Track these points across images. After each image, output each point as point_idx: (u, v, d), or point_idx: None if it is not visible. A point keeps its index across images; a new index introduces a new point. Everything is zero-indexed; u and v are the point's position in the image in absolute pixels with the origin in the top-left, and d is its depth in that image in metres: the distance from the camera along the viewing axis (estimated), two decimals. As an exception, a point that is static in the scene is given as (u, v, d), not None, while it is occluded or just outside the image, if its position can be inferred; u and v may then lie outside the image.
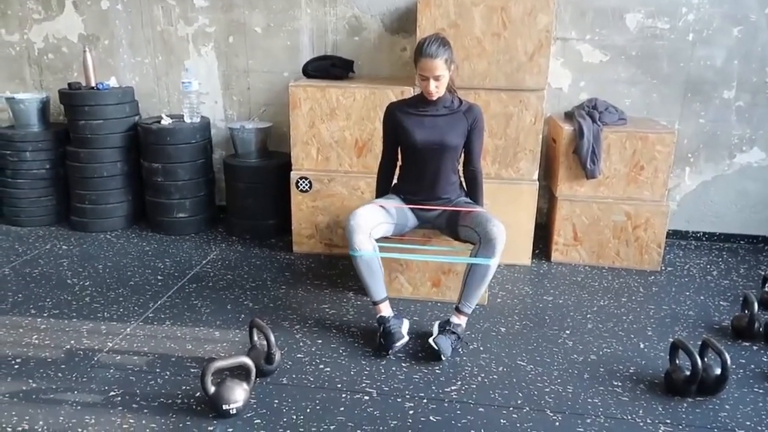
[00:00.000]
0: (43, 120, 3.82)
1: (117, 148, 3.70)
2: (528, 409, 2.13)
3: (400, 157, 2.73)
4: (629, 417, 2.09)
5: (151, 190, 3.73)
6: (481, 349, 2.51)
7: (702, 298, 3.02)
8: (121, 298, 2.89)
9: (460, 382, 2.27)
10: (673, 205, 3.71)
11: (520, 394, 2.21)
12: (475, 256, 2.48)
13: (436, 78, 2.46)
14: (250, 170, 3.64)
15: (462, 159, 2.72)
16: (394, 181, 2.81)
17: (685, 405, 2.17)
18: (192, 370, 2.31)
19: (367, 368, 2.36)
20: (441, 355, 2.37)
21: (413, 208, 2.73)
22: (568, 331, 2.67)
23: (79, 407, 2.08)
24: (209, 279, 3.12)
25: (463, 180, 2.77)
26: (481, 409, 2.12)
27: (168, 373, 2.29)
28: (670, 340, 2.35)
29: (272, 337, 2.21)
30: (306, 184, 3.36)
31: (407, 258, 2.75)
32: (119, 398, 2.14)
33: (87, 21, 3.89)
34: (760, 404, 2.18)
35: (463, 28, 3.08)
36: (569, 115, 3.45)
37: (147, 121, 3.70)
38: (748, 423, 2.07)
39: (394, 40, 3.66)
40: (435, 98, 2.54)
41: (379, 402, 2.15)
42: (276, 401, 2.14)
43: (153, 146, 3.62)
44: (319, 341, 2.55)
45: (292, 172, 3.38)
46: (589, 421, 2.07)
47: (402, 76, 3.59)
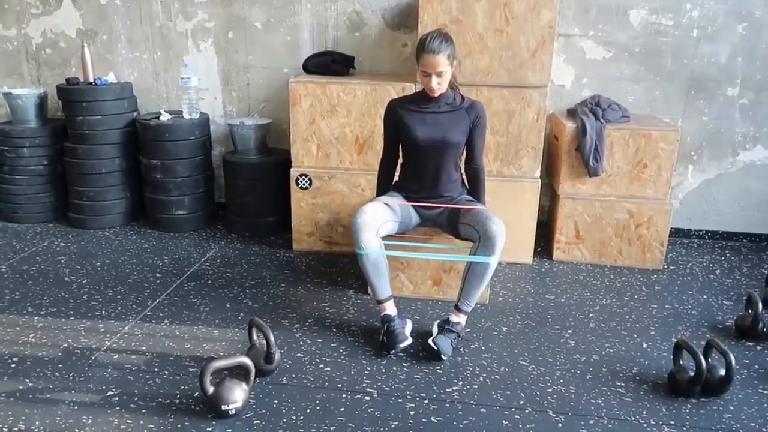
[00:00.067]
0: (41, 116, 3.79)
1: (115, 144, 3.67)
2: (530, 410, 2.11)
3: (401, 154, 2.70)
4: (633, 418, 2.07)
5: (149, 187, 3.70)
6: (483, 348, 2.49)
7: (705, 297, 3.00)
8: (119, 296, 2.87)
9: (461, 383, 2.25)
10: (676, 203, 3.68)
11: (523, 395, 2.19)
12: (474, 254, 2.46)
13: (439, 74, 2.43)
14: (250, 167, 3.61)
15: (464, 156, 2.69)
16: (395, 178, 2.79)
17: (689, 406, 2.14)
18: (191, 370, 2.28)
19: (368, 368, 2.33)
20: (441, 355, 2.35)
21: (415, 206, 2.70)
22: (570, 331, 2.64)
23: (76, 407, 2.06)
24: (208, 277, 3.09)
25: (464, 177, 2.74)
26: (483, 410, 2.10)
27: (166, 372, 2.27)
28: (674, 339, 2.33)
29: (272, 337, 2.19)
30: (306, 181, 3.33)
31: (408, 256, 2.72)
32: (117, 398, 2.12)
33: (85, 16, 3.85)
34: (765, 405, 2.16)
35: (466, 23, 3.04)
36: (572, 113, 3.42)
37: (145, 117, 3.67)
38: (753, 425, 2.05)
39: (396, 36, 3.63)
40: (437, 95, 2.51)
41: (380, 402, 2.13)
42: (275, 401, 2.12)
43: (152, 142, 3.59)
44: (319, 340, 2.52)
45: (292, 169, 3.35)
46: (592, 422, 2.05)
47: (403, 73, 3.57)
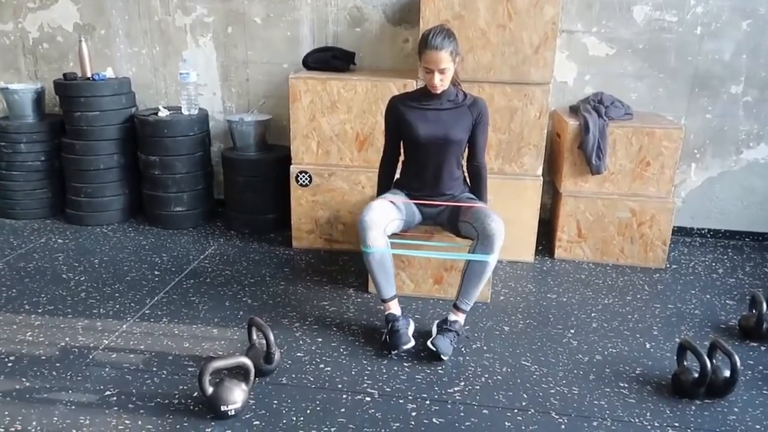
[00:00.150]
0: (38, 111, 3.75)
1: (113, 140, 3.63)
2: (533, 411, 2.08)
3: (402, 152, 2.67)
4: (636, 420, 2.05)
5: (148, 183, 3.67)
6: (485, 348, 2.46)
7: (708, 296, 2.98)
8: (117, 294, 2.84)
9: (463, 383, 2.23)
10: (679, 201, 3.66)
11: (525, 396, 2.16)
12: (473, 252, 2.43)
13: (441, 71, 2.39)
14: (249, 163, 3.58)
15: (466, 154, 2.66)
16: (397, 176, 2.76)
17: (693, 407, 2.12)
18: (189, 369, 2.26)
19: (369, 368, 2.31)
20: (441, 355, 2.33)
21: (417, 204, 2.67)
22: (572, 330, 2.62)
23: (73, 407, 2.04)
24: (207, 275, 3.06)
25: (466, 175, 2.72)
26: (485, 411, 2.07)
27: (165, 372, 2.25)
28: (677, 340, 2.31)
29: (271, 337, 2.16)
30: (306, 179, 3.30)
31: (407, 254, 2.69)
32: (115, 398, 2.09)
33: (82, 10, 3.81)
34: (770, 407, 2.14)
35: (468, 19, 3.01)
36: (574, 110, 3.39)
37: (144, 113, 3.64)
38: (757, 426, 2.03)
39: (397, 32, 3.60)
40: (439, 92, 2.47)
41: (381, 403, 2.10)
42: (275, 402, 2.09)
43: (150, 138, 3.55)
44: (320, 340, 2.50)
45: (291, 166, 3.32)
46: (595, 423, 2.03)
47: (404, 69, 3.53)
